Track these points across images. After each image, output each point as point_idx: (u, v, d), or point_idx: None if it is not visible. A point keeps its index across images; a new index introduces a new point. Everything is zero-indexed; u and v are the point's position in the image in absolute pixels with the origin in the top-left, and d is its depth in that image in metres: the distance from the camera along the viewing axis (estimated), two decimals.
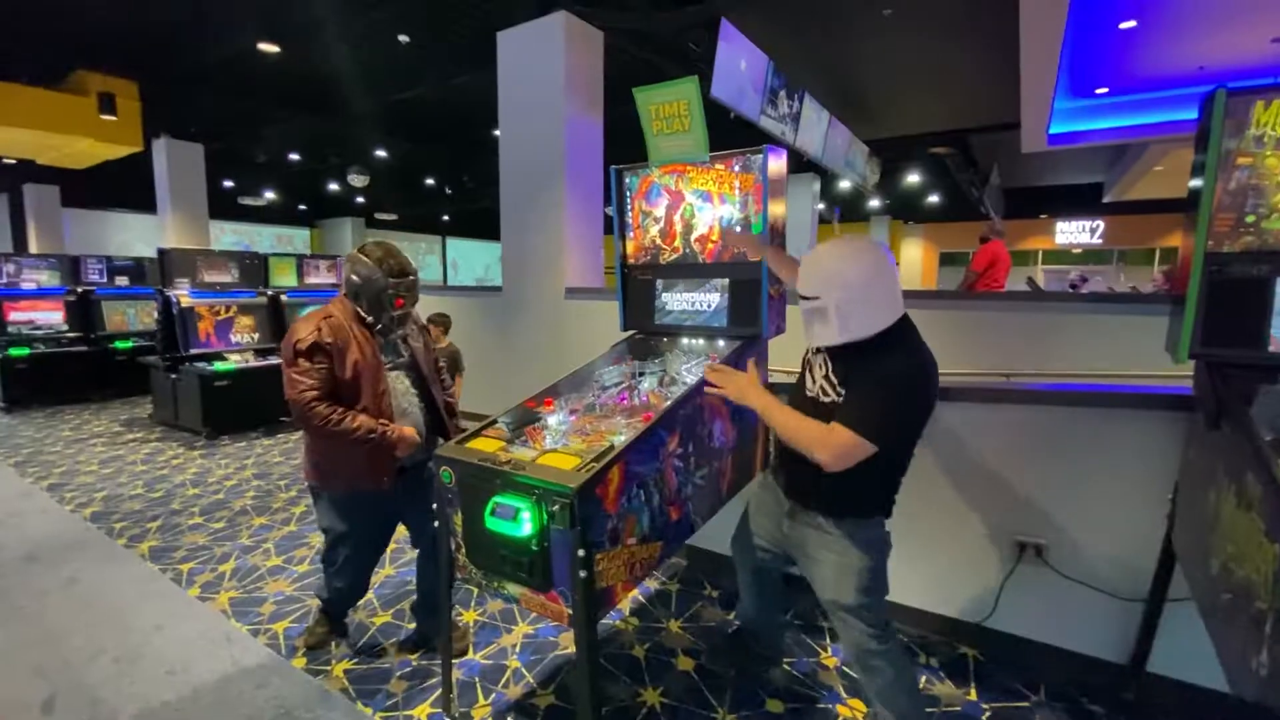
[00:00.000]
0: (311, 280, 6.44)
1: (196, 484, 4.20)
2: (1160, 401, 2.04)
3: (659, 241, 2.59)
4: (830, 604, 1.70)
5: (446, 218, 17.02)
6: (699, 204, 2.44)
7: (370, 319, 2.13)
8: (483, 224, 17.32)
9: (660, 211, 2.55)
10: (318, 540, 3.33)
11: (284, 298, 6.01)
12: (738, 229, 2.32)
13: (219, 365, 5.29)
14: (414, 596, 2.43)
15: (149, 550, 3.17)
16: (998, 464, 2.34)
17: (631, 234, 2.67)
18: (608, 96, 5.14)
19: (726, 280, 2.42)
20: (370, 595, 2.77)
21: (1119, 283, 13.16)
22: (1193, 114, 2.42)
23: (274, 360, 5.68)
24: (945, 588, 2.42)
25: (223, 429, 5.43)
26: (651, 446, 1.83)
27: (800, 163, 7.75)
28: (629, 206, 2.65)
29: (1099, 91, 7.02)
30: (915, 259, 17.57)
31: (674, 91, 2.27)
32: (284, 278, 6.24)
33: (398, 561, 3.07)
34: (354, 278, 2.12)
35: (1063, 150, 7.55)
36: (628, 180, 2.63)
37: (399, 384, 2.23)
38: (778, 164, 2.27)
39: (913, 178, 11.29)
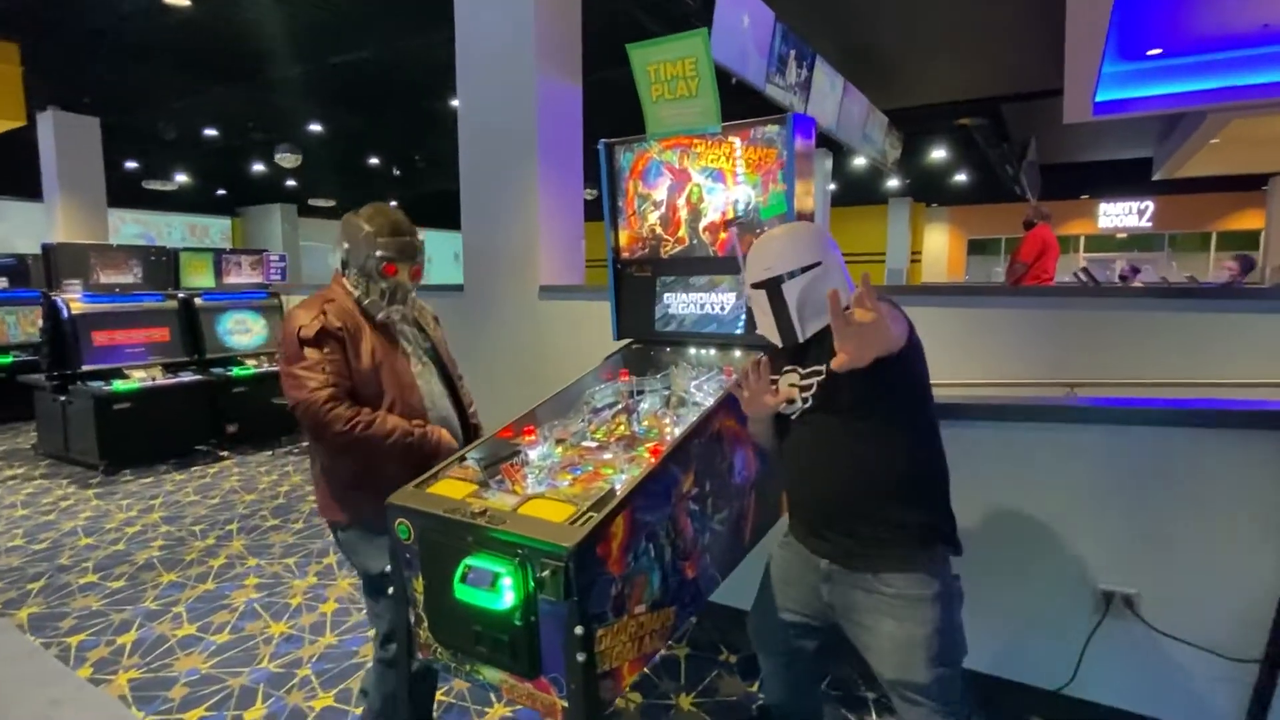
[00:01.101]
0: (233, 280, 6.24)
1: (90, 532, 3.99)
2: (1277, 419, 1.96)
3: (659, 231, 2.49)
4: (893, 684, 1.57)
5: (395, 204, 16.79)
6: (709, 185, 2.34)
7: (357, 292, 1.97)
8: (439, 210, 17.15)
9: (661, 194, 2.45)
10: (241, 600, 3.16)
11: (199, 301, 5.81)
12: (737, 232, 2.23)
13: (119, 384, 5.07)
14: (365, 669, 2.26)
15: (28, 618, 2.97)
16: (1072, 497, 2.26)
17: (625, 222, 2.57)
18: (587, 58, 5.03)
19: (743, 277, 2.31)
20: (307, 670, 2.60)
21: (1172, 272, 13.36)
22: (1257, 78, 2.36)
23: (186, 377, 5.48)
24: (1014, 648, 2.33)
25: (124, 462, 5.22)
26: (662, 488, 1.72)
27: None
28: (622, 189, 2.54)
29: (1151, 53, 7.08)
30: (940, 247, 17.74)
31: (678, 48, 2.17)
32: (199, 277, 6.04)
33: (340, 626, 2.91)
34: (342, 241, 2.00)
35: (1109, 121, 7.60)
36: (620, 157, 2.52)
37: (429, 381, 2.07)
38: (807, 136, 2.17)
39: (938, 153, 11.38)
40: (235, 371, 5.71)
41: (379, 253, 1.95)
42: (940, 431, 1.67)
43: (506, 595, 1.48)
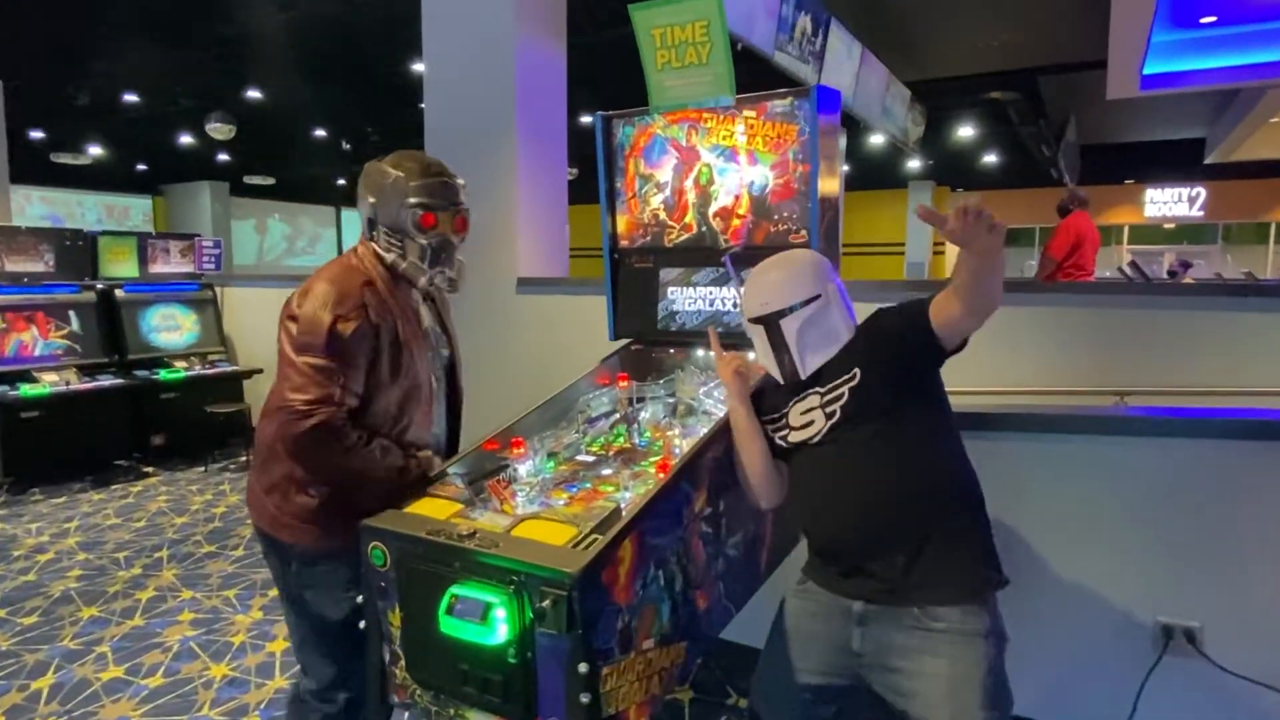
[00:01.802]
0: (160, 269, 6.18)
1: None
2: None
3: (663, 216, 2.52)
4: None
5: (343, 182, 16.72)
6: (720, 165, 2.38)
7: (390, 256, 1.81)
8: None
9: (665, 175, 2.48)
10: (175, 639, 3.14)
11: (121, 293, 5.76)
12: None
13: (26, 389, 5.02)
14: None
15: None
16: (1124, 519, 2.30)
17: (624, 206, 2.59)
18: (573, 19, 5.06)
19: None
20: (255, 718, 2.59)
21: (1226, 267, 13.59)
22: None
23: (105, 381, 5.42)
24: (1062, 688, 2.37)
25: (32, 479, 5.16)
26: (673, 507, 1.74)
27: None
28: (620, 168, 2.56)
29: (1205, 21, 7.22)
30: None
31: (687, 9, 2.20)
32: (120, 265, 5.98)
33: (292, 668, 2.90)
34: (364, 195, 1.85)
35: (1158, 96, 7.74)
36: (619, 132, 2.55)
37: (440, 398, 2.00)
38: (831, 111, 2.21)
39: (965, 131, 11.52)
40: (162, 375, 5.66)
41: (412, 199, 1.80)
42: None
43: (499, 628, 1.49)
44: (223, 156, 13.88)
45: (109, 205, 15.14)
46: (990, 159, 14.11)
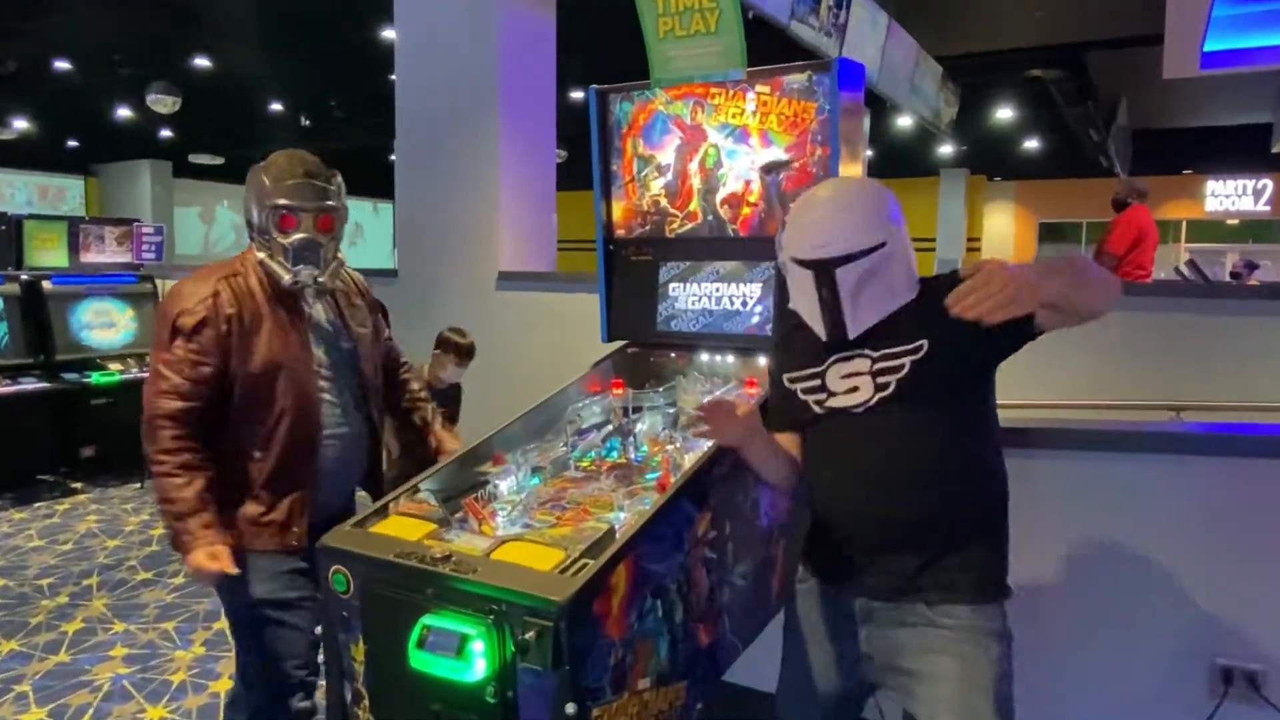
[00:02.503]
0: (94, 258, 6.18)
1: None
2: None
3: (664, 203, 2.54)
4: None
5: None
6: (729, 146, 2.40)
7: (261, 256, 2.08)
8: (362, 174, 17.05)
9: (667, 157, 2.51)
10: (106, 677, 3.14)
11: (48, 285, 5.75)
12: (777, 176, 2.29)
13: None
14: None
15: None
16: (1179, 547, 2.31)
17: (621, 191, 2.61)
18: None
19: (773, 264, 2.36)
20: None
21: None
22: None
23: (29, 384, 5.42)
24: None
25: None
26: (673, 530, 1.76)
27: None
28: (617, 149, 2.59)
29: None
30: (1004, 231, 18.04)
31: None
32: (48, 254, 5.98)
33: None
34: (246, 201, 2.11)
35: (1220, 76, 7.78)
36: (616, 109, 2.57)
37: (340, 391, 2.17)
38: (855, 87, 2.23)
39: (1003, 113, 11.59)
40: (95, 378, 5.65)
41: (271, 201, 2.03)
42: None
43: (477, 664, 1.49)
44: (165, 133, 13.86)
45: (41, 186, 15.12)
46: (1031, 144, 14.17)
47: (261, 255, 2.08)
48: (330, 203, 2.10)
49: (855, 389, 1.69)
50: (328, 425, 2.12)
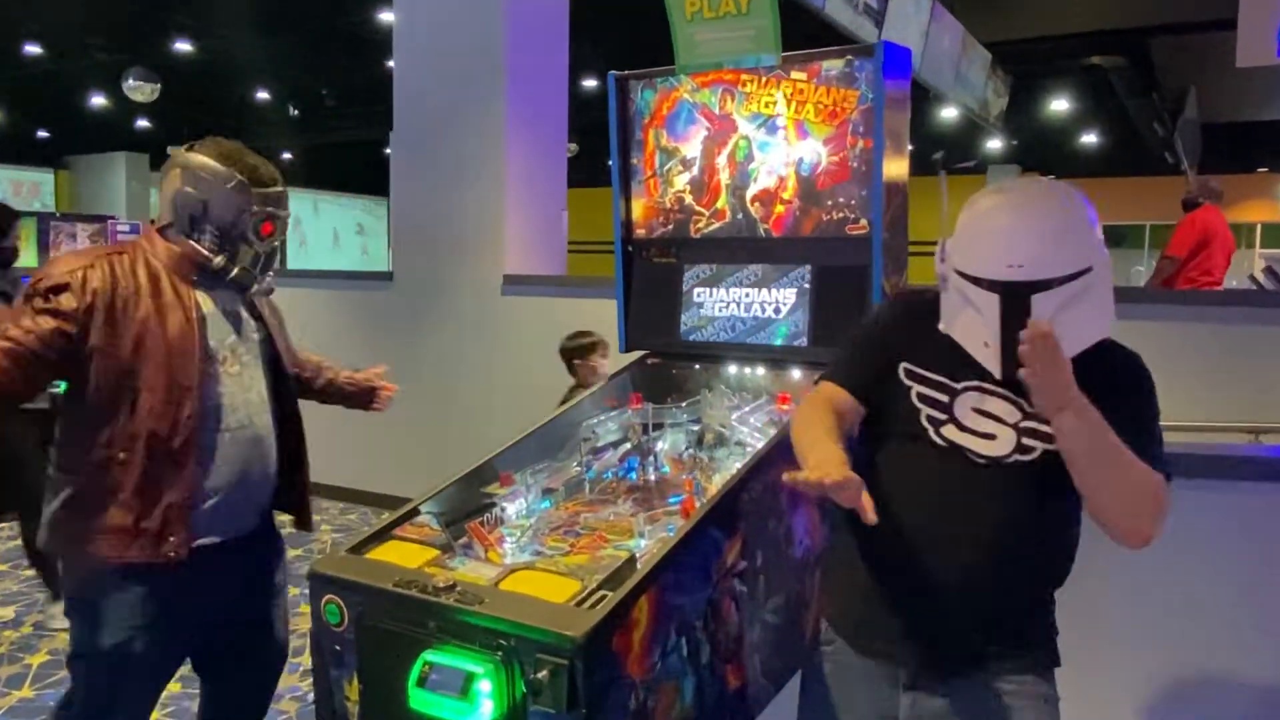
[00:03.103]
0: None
1: None
2: None
3: (689, 200, 2.55)
4: None
5: (289, 156, 16.88)
6: (760, 138, 2.41)
7: (219, 259, 2.07)
8: (354, 167, 17.24)
9: (693, 149, 2.51)
10: None
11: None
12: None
13: None
14: None
15: None
16: (1261, 582, 2.29)
17: (641, 187, 2.62)
18: None
19: (808, 268, 2.37)
20: None
21: None
22: None
23: None
24: None
25: None
26: (699, 560, 1.75)
27: None
28: (638, 140, 2.60)
29: None
30: None
31: None
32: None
33: None
34: (190, 190, 2.06)
35: None
36: (637, 97, 2.58)
37: (245, 387, 2.11)
38: (901, 75, 2.24)
39: (1058, 104, 11.59)
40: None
41: (260, 206, 2.09)
42: None
43: (484, 705, 1.49)
44: (142, 123, 14.05)
45: (15, 182, 15.32)
46: (1089, 139, 14.15)
47: (211, 256, 2.06)
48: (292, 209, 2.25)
49: (992, 436, 1.57)
50: (224, 424, 2.05)
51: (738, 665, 1.89)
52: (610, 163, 2.67)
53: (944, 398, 1.60)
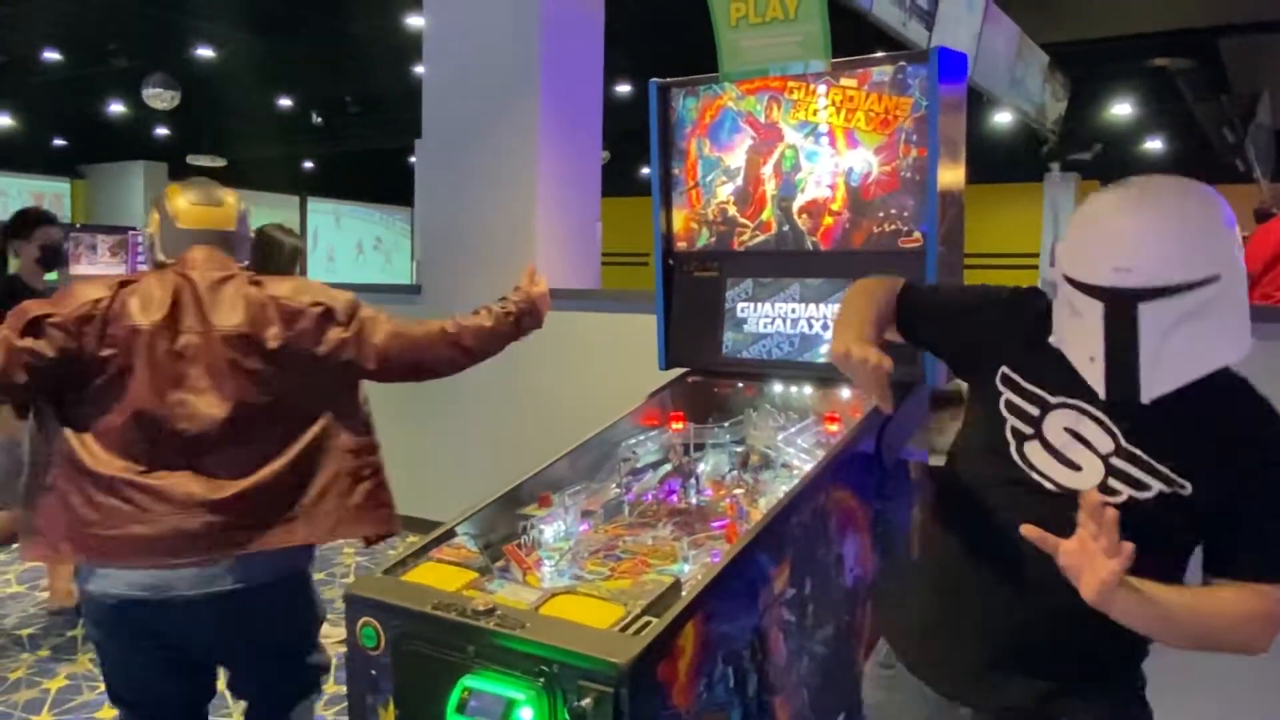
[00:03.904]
0: (84, 269, 6.40)
1: None
2: None
3: (733, 211, 2.58)
4: None
5: (311, 165, 17.13)
6: (808, 148, 2.43)
7: None
8: (376, 177, 17.44)
9: (737, 159, 2.55)
10: None
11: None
12: None
13: None
14: None
15: None
16: None
17: (683, 198, 2.66)
18: None
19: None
20: None
21: None
22: None
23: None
24: None
25: None
26: (746, 586, 1.78)
27: None
28: (680, 150, 2.64)
29: None
30: None
31: None
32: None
33: None
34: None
35: None
36: (678, 105, 2.62)
37: None
38: (956, 80, 2.26)
39: (1121, 109, 11.49)
40: None
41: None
42: None
43: None
44: (162, 130, 14.32)
45: (36, 193, 15.63)
46: (1154, 145, 13.99)
47: None
48: None
49: (1077, 466, 1.48)
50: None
51: (787, 698, 1.90)
52: (648, 172, 2.71)
53: (1035, 410, 1.52)
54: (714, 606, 1.67)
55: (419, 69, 5.58)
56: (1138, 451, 1.43)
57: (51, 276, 6.18)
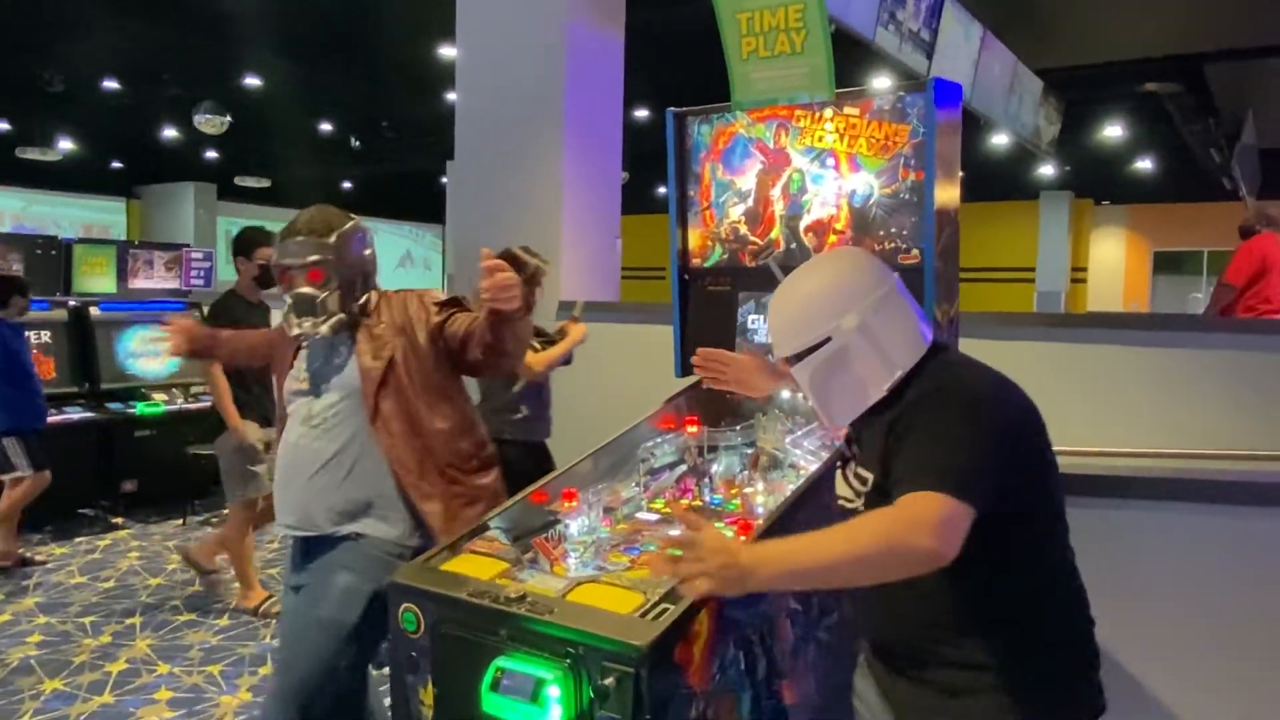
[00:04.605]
0: (141, 284, 6.50)
1: None
2: None
3: (744, 230, 2.62)
4: None
5: (349, 185, 17.28)
6: (814, 171, 2.47)
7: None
8: (412, 197, 17.58)
9: (748, 182, 2.59)
10: None
11: (95, 312, 6.06)
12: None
13: None
14: None
15: None
16: None
17: (698, 217, 2.70)
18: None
19: None
20: None
21: None
22: None
23: (74, 414, 5.71)
24: None
25: None
26: None
27: None
28: (695, 173, 2.68)
29: None
30: (1114, 261, 17.68)
31: None
32: (97, 279, 6.32)
33: None
34: None
35: None
36: (694, 131, 2.66)
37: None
38: (951, 107, 2.29)
39: (1112, 130, 11.44)
40: (140, 409, 5.92)
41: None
42: (1066, 528, 1.61)
43: (553, 710, 1.56)
44: (211, 153, 14.49)
45: (86, 225, 15.84)
46: (1144, 165, 13.92)
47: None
48: (315, 257, 2.30)
49: (850, 495, 1.68)
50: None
51: (793, 682, 1.93)
52: (664, 191, 2.75)
53: (840, 463, 1.77)
54: (728, 597, 1.70)
55: (451, 96, 5.66)
56: (855, 471, 1.66)
57: (110, 288, 6.30)
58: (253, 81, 10.46)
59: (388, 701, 2.05)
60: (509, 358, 2.35)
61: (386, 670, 1.93)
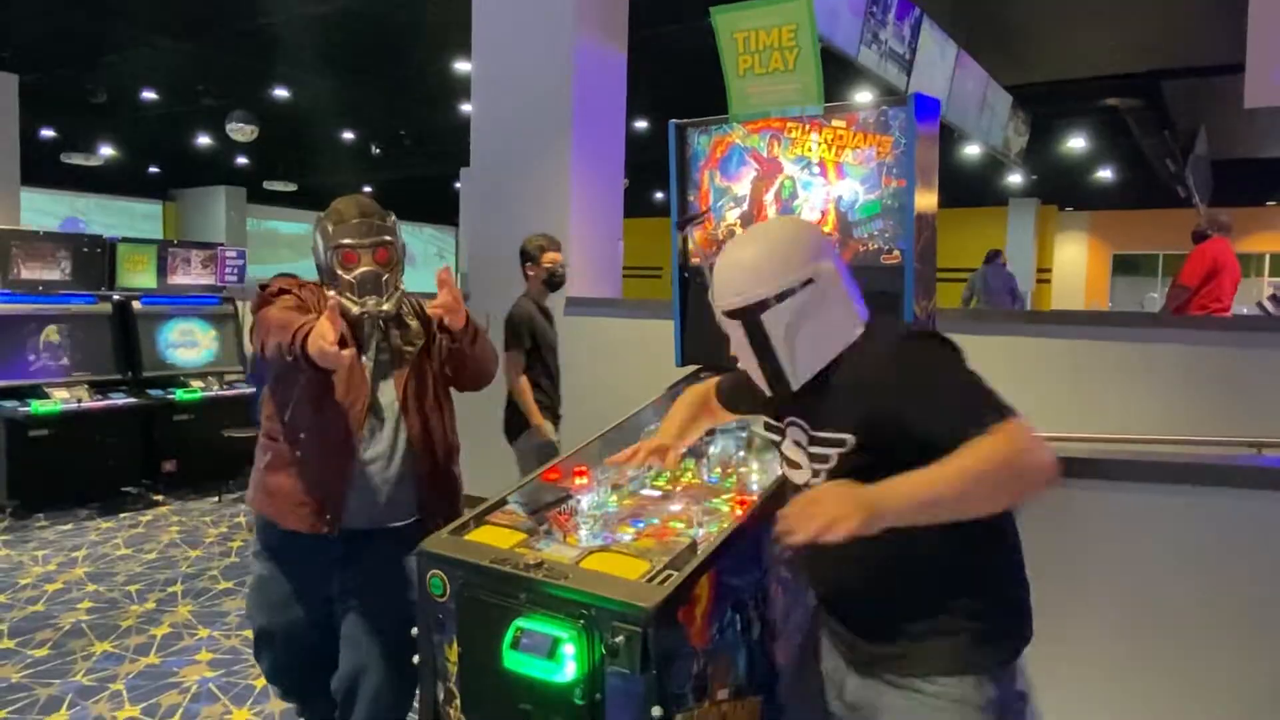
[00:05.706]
0: (180, 280, 6.52)
1: (2, 588, 4.19)
2: None
3: (740, 232, 2.62)
4: None
5: (370, 189, 17.26)
6: (804, 178, 2.50)
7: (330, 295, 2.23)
8: (428, 200, 17.61)
9: (743, 188, 2.61)
10: (194, 679, 3.32)
11: (138, 305, 6.08)
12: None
13: (37, 406, 5.33)
14: None
15: None
16: (1264, 589, 2.31)
17: (698, 221, 2.72)
18: (634, 18, 5.28)
19: None
20: None
21: None
22: None
23: (119, 400, 5.74)
24: None
25: (39, 503, 5.43)
26: (752, 547, 1.84)
27: None
28: (694, 180, 2.70)
29: None
30: (1076, 262, 17.72)
31: (774, 13, 2.35)
32: (139, 275, 6.33)
33: None
34: (315, 246, 2.32)
35: None
36: (694, 141, 2.69)
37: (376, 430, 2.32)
38: (930, 120, 2.32)
39: (1076, 142, 11.47)
40: (178, 395, 5.95)
41: (335, 242, 2.22)
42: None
43: (568, 666, 1.60)
44: (241, 160, 14.51)
45: (126, 211, 15.85)
46: (1105, 174, 13.97)
47: (332, 295, 2.22)
48: (385, 237, 2.26)
49: (798, 466, 1.60)
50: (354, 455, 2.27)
51: (783, 644, 1.96)
52: (663, 196, 2.77)
53: (779, 439, 1.67)
54: (725, 563, 1.74)
55: (466, 107, 5.68)
56: (817, 435, 1.54)
57: (150, 284, 6.30)
58: (281, 93, 10.48)
59: None
60: (472, 370, 2.42)
61: None
